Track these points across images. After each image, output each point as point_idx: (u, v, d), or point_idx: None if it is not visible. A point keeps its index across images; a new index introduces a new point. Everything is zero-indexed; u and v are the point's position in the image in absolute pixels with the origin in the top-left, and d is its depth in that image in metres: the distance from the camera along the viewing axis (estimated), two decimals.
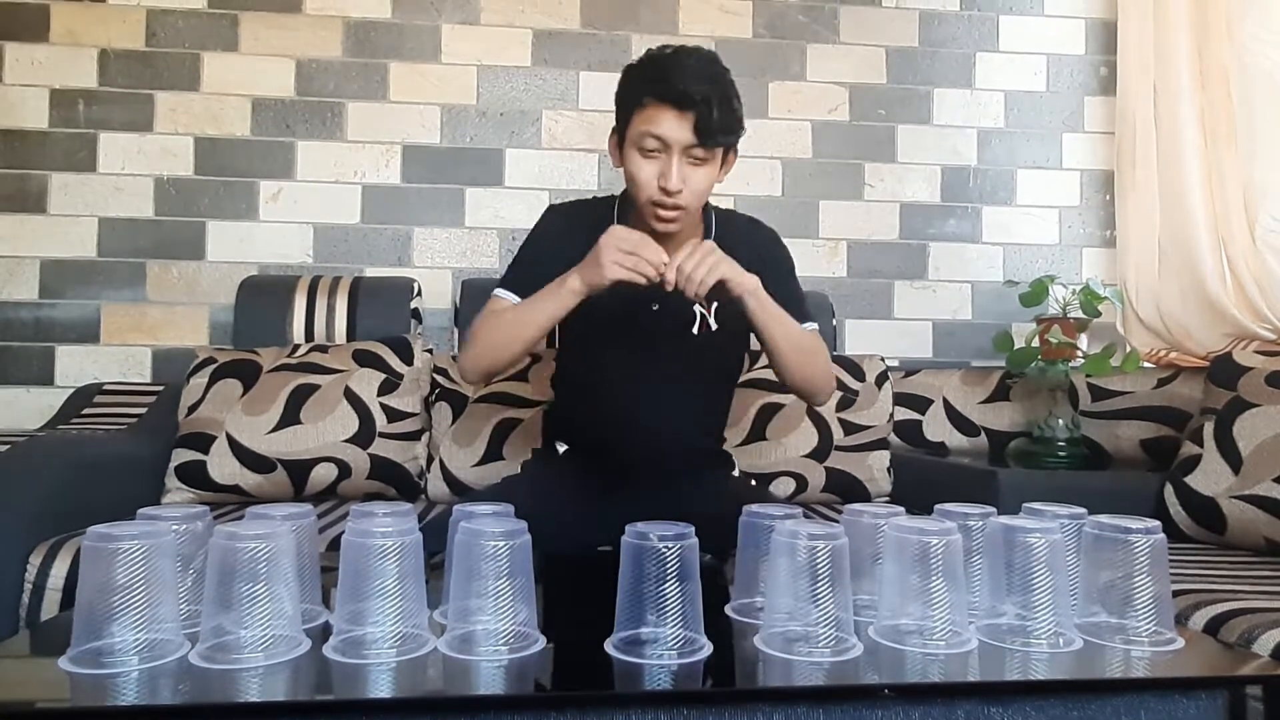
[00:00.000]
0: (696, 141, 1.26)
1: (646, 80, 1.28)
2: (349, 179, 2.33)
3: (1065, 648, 0.84)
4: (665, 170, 1.28)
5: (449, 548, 0.90)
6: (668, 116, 1.25)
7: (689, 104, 1.24)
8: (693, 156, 1.28)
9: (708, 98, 1.24)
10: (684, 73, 1.25)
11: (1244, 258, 2.00)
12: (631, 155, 1.31)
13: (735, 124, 1.30)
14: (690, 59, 1.28)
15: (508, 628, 0.80)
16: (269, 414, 1.82)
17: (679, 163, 1.28)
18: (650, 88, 1.27)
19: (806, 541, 0.81)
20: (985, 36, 2.53)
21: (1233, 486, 1.60)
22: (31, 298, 2.23)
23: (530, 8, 2.38)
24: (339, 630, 0.81)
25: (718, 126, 1.26)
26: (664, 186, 1.29)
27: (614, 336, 1.43)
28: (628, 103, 1.31)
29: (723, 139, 1.29)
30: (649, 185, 1.30)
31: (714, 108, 1.24)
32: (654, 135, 1.27)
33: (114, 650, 0.75)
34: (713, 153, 1.30)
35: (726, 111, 1.27)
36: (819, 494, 1.97)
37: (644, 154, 1.29)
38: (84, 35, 2.25)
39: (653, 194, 1.30)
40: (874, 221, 2.49)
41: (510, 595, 0.80)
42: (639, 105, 1.28)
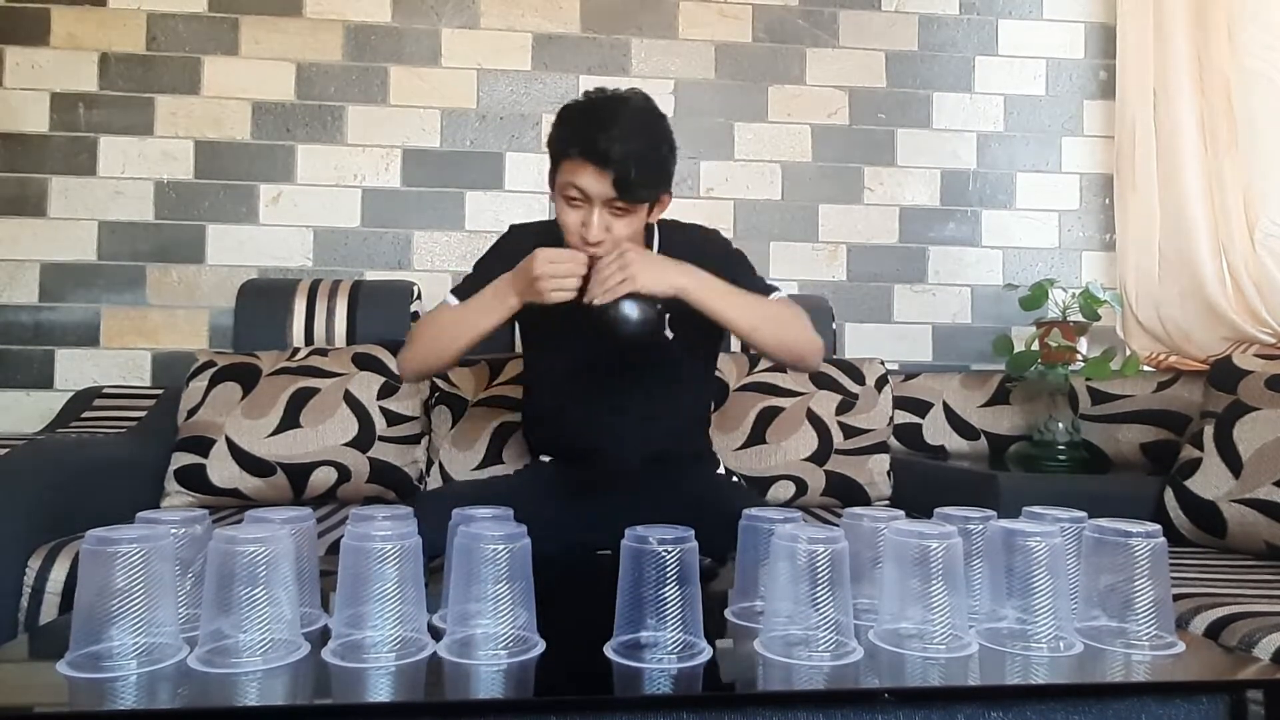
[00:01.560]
0: (616, 196, 1.28)
1: (573, 134, 1.30)
2: (349, 182, 2.33)
3: (1066, 652, 0.84)
4: (587, 220, 1.31)
5: (448, 551, 0.90)
6: (588, 172, 1.27)
7: (608, 163, 1.25)
8: (614, 208, 1.31)
9: (626, 158, 1.25)
10: (608, 130, 1.26)
11: (1244, 262, 2.00)
12: (558, 200, 1.35)
13: (657, 179, 1.33)
14: (619, 114, 1.29)
15: (507, 631, 0.80)
16: (269, 417, 1.82)
17: (600, 214, 1.30)
18: (574, 142, 1.29)
19: (806, 545, 0.81)
20: (984, 40, 2.54)
21: (1233, 490, 1.60)
22: (31, 301, 2.23)
23: (530, 11, 2.39)
24: (338, 634, 0.80)
25: (637, 183, 1.28)
26: (584, 237, 1.31)
27: (567, 358, 1.47)
28: (555, 151, 1.34)
29: (643, 194, 1.31)
30: (572, 233, 1.33)
31: (633, 167, 1.26)
32: (575, 186, 1.29)
33: (113, 654, 0.75)
34: (634, 205, 1.31)
35: (647, 169, 1.29)
36: (819, 498, 1.97)
37: (568, 201, 1.32)
38: (84, 39, 2.25)
39: (576, 241, 1.33)
40: (873, 225, 2.49)
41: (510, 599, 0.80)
42: (565, 156, 1.30)
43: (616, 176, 1.26)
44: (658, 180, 1.34)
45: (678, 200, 2.39)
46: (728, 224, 2.43)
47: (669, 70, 2.42)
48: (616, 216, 1.32)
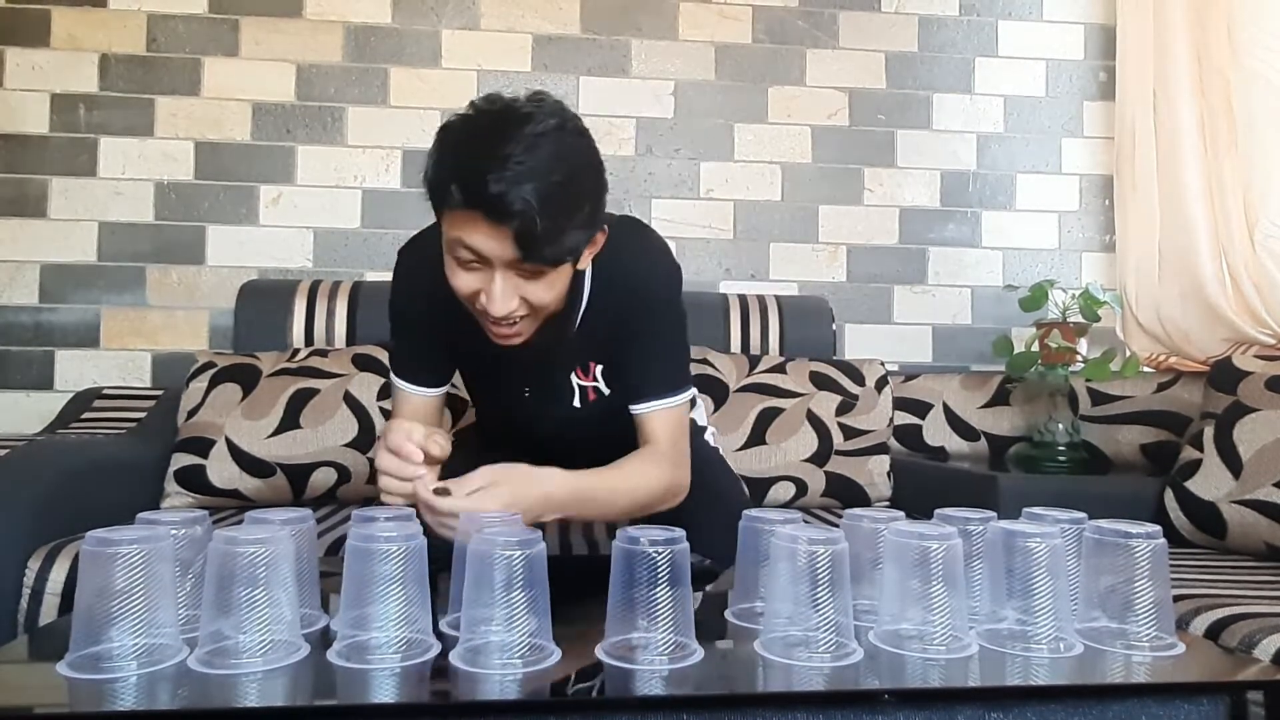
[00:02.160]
0: (524, 259, 0.95)
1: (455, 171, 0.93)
2: (349, 183, 2.33)
3: (1066, 653, 0.84)
4: (488, 289, 0.98)
5: (458, 556, 0.89)
6: (480, 228, 0.93)
7: (507, 216, 0.91)
8: (522, 271, 0.97)
9: (529, 207, 0.90)
10: (503, 167, 0.90)
11: (1244, 263, 2.00)
12: (447, 259, 1.00)
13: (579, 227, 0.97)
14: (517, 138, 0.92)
15: (520, 640, 0.79)
16: (269, 418, 1.82)
17: (504, 280, 0.97)
18: (457, 186, 0.92)
19: (806, 546, 0.81)
20: (984, 42, 2.54)
21: (1233, 491, 1.60)
22: (31, 302, 2.23)
23: (530, 13, 2.39)
24: (343, 635, 0.80)
25: (547, 238, 0.93)
26: (486, 310, 1.00)
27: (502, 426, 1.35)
28: (432, 190, 0.97)
29: (557, 254, 0.96)
30: (470, 301, 1.02)
31: (539, 216, 0.90)
32: (465, 246, 0.95)
33: (112, 655, 0.75)
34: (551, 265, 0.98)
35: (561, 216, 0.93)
36: (819, 499, 1.97)
37: (460, 263, 0.98)
38: (85, 40, 2.25)
39: (477, 309, 1.03)
40: (873, 226, 2.49)
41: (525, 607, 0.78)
42: (445, 204, 0.96)
43: (519, 233, 0.92)
44: (579, 227, 0.97)
45: (678, 202, 2.42)
46: (728, 225, 2.43)
47: (669, 71, 2.42)
48: (528, 279, 0.99)
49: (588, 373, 1.22)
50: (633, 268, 1.16)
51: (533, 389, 1.24)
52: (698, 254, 2.42)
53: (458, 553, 0.89)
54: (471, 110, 0.98)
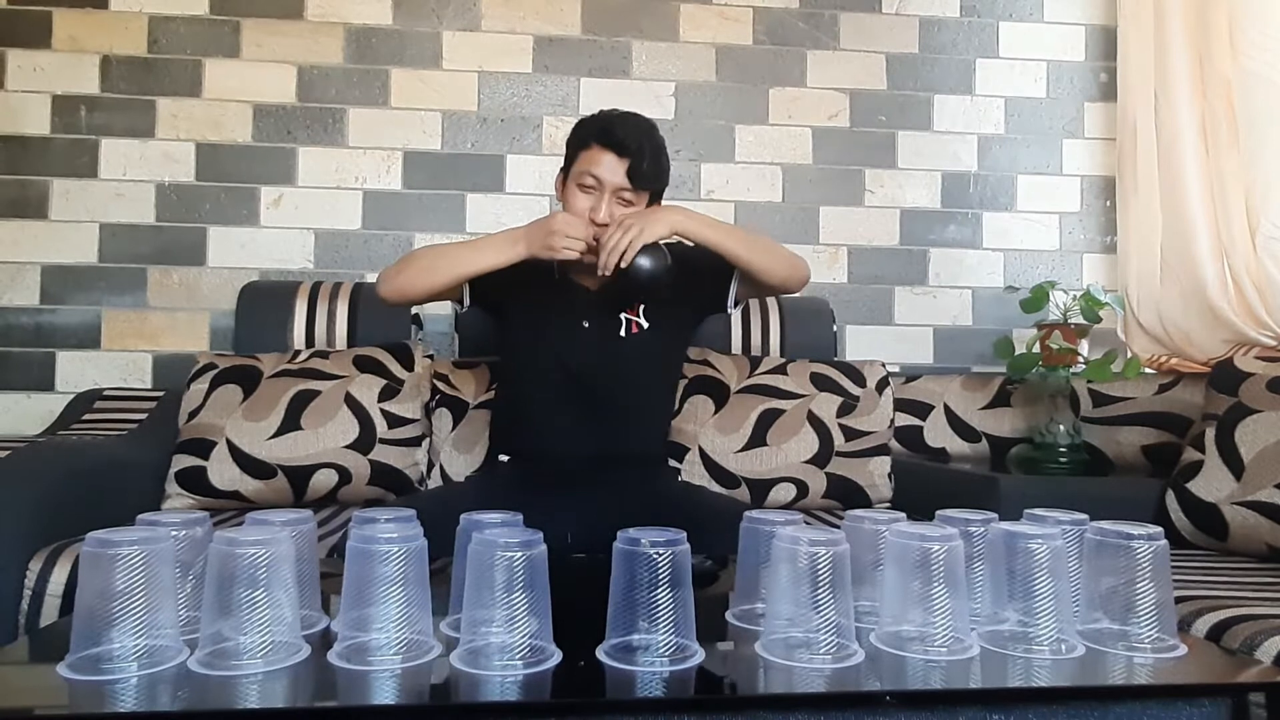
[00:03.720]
0: (628, 185, 1.49)
1: (595, 128, 1.51)
2: (350, 185, 2.33)
3: (1067, 654, 0.84)
4: (597, 204, 1.50)
5: (458, 558, 0.89)
6: (607, 159, 1.48)
7: (626, 151, 1.48)
8: (622, 198, 1.51)
9: (641, 148, 1.48)
10: (625, 125, 1.49)
11: (1245, 264, 1.99)
12: (571, 189, 1.53)
13: (662, 174, 1.54)
14: (633, 119, 1.52)
15: (521, 641, 0.79)
16: (269, 420, 1.82)
17: (609, 200, 1.50)
18: (596, 134, 1.50)
19: (808, 548, 0.81)
20: (985, 43, 2.54)
21: (1234, 492, 1.59)
22: (32, 303, 2.23)
23: (531, 14, 2.39)
24: (343, 636, 0.80)
25: (647, 173, 1.50)
26: (593, 219, 1.49)
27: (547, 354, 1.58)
28: (575, 145, 1.54)
29: (649, 184, 1.52)
30: (582, 216, 1.50)
31: (645, 158, 1.48)
32: (592, 174, 1.49)
33: (113, 656, 0.75)
34: (640, 196, 1.52)
35: (655, 163, 1.51)
36: (820, 500, 1.97)
37: (582, 189, 1.51)
38: (86, 41, 2.26)
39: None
40: (874, 227, 2.49)
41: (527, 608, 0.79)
42: (584, 146, 1.51)
43: (631, 164, 1.47)
44: (661, 175, 1.55)
45: (680, 202, 2.40)
46: None
47: (670, 72, 2.43)
48: (622, 205, 1.51)
49: (638, 311, 1.60)
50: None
51: (591, 321, 1.59)
52: None
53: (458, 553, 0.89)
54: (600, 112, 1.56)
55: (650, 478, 1.64)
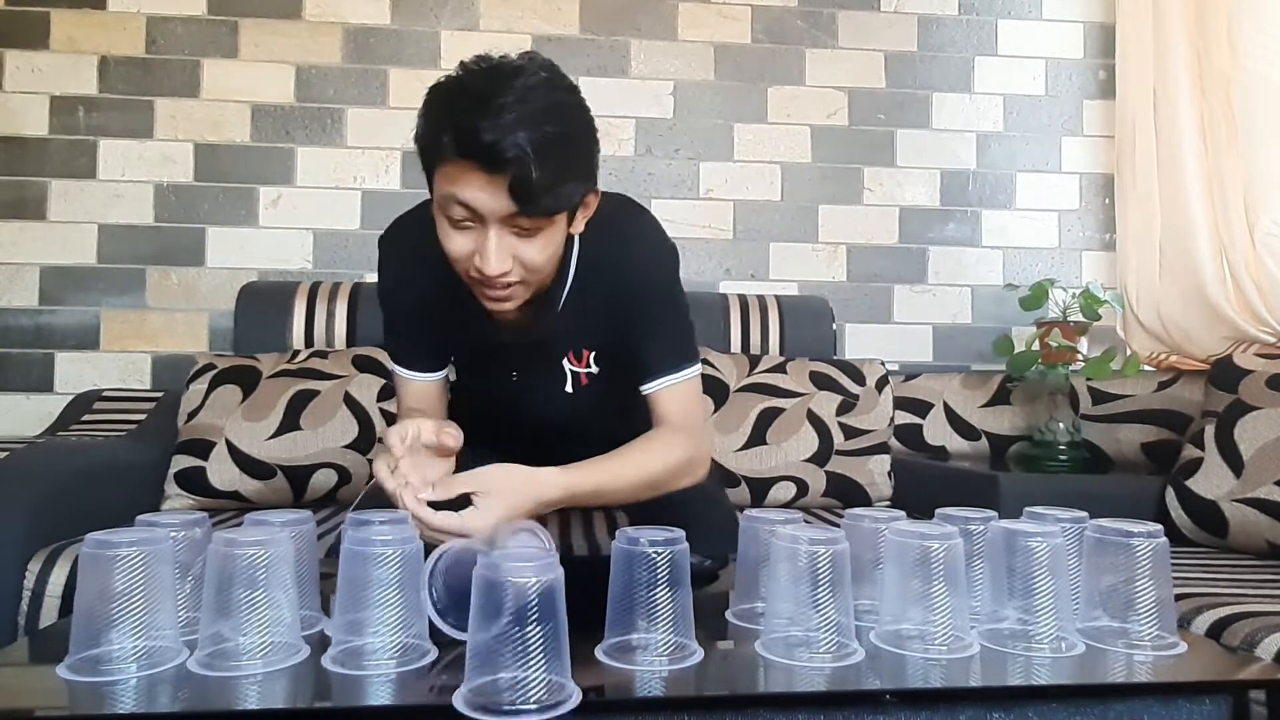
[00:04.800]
0: (515, 210, 0.92)
1: (446, 122, 0.92)
2: (349, 185, 2.33)
3: (1067, 652, 0.84)
4: (481, 248, 0.95)
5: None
6: (474, 180, 0.91)
7: (501, 164, 0.89)
8: (518, 226, 0.95)
9: (524, 154, 0.88)
10: (497, 115, 0.88)
11: (1244, 262, 2.00)
12: (439, 221, 0.97)
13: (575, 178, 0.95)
14: (507, 90, 0.89)
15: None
16: (269, 420, 1.82)
17: (498, 237, 0.95)
18: (450, 136, 0.91)
19: (807, 546, 0.81)
20: (984, 41, 2.54)
21: (1234, 490, 1.59)
22: (31, 304, 2.23)
23: (529, 13, 2.39)
24: (338, 640, 0.80)
25: (544, 188, 0.90)
26: (480, 270, 0.97)
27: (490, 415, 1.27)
28: (425, 149, 0.96)
29: (555, 204, 0.94)
30: (463, 263, 0.99)
31: (534, 163, 0.88)
32: (459, 202, 0.93)
33: (112, 657, 0.75)
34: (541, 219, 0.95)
35: (557, 166, 0.91)
36: (819, 499, 1.97)
37: (453, 223, 0.96)
38: (84, 42, 2.25)
39: (470, 273, 1.00)
40: (873, 226, 2.49)
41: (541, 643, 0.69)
42: (438, 157, 0.94)
43: (513, 181, 0.90)
44: (575, 179, 0.95)
45: (678, 202, 2.41)
46: (727, 225, 2.43)
47: (668, 71, 2.42)
48: (522, 237, 0.96)
49: (580, 358, 1.20)
50: (628, 246, 1.15)
51: (520, 372, 1.22)
52: (698, 254, 2.42)
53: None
54: (460, 70, 0.95)
55: None
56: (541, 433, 1.21)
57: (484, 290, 1.02)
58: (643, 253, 1.16)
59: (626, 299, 1.14)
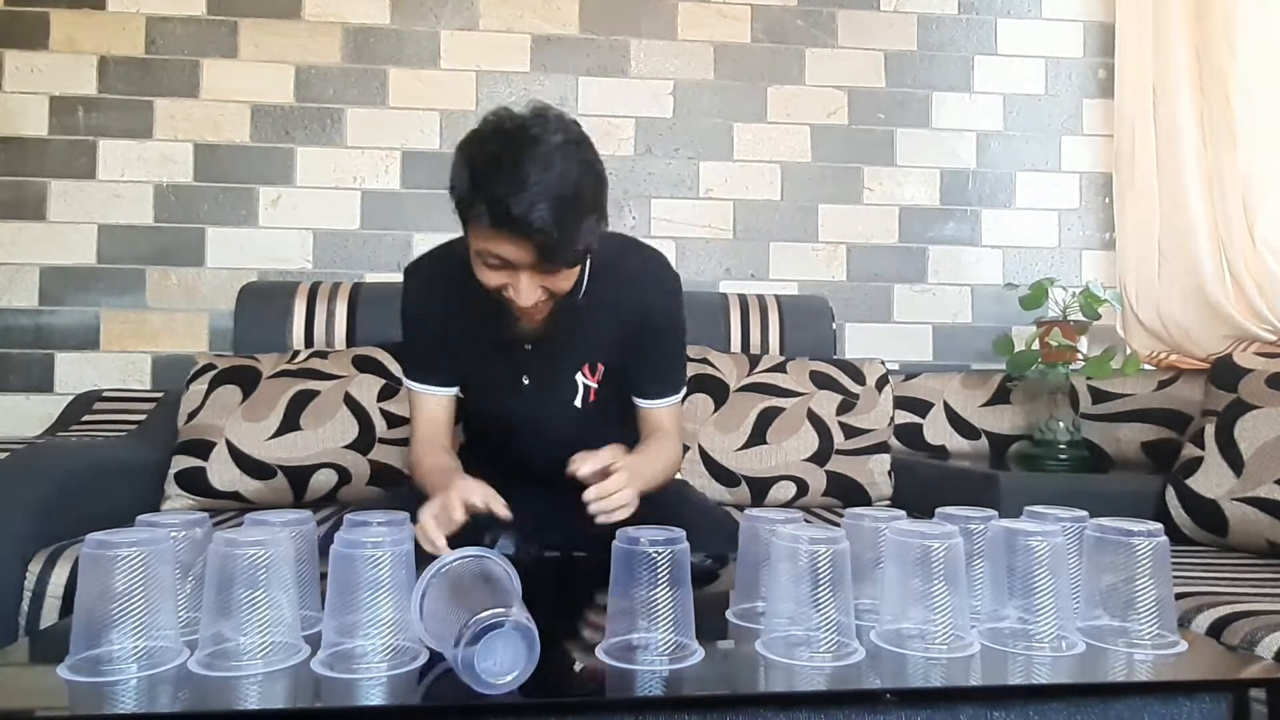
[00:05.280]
0: (542, 265, 1.11)
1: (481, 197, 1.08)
2: (348, 185, 2.33)
3: (1068, 651, 0.84)
4: (514, 285, 1.13)
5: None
6: (505, 241, 1.08)
7: (527, 232, 1.06)
8: (541, 270, 1.12)
9: (546, 226, 1.05)
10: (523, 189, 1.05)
11: (1244, 260, 2.00)
12: (474, 259, 1.15)
13: (588, 233, 1.12)
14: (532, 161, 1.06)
15: None
16: (269, 420, 1.82)
17: (528, 278, 1.13)
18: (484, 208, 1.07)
19: (808, 546, 0.81)
20: (983, 40, 2.54)
21: (1234, 489, 1.59)
22: (31, 304, 2.23)
23: (529, 13, 2.39)
24: (328, 643, 0.80)
25: (561, 248, 1.09)
26: (515, 301, 1.15)
27: (497, 417, 1.38)
28: (460, 207, 1.13)
29: (574, 256, 1.13)
30: (498, 292, 1.16)
31: (555, 229, 1.06)
32: (495, 255, 1.11)
33: (113, 658, 0.75)
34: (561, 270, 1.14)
35: (575, 225, 1.09)
36: (820, 498, 1.97)
37: (487, 265, 1.14)
38: (83, 43, 2.25)
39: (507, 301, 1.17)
40: (873, 225, 2.49)
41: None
42: (473, 219, 1.10)
43: (539, 246, 1.07)
44: (589, 227, 1.12)
45: (678, 201, 2.42)
46: (727, 225, 2.43)
47: (668, 71, 2.42)
48: (548, 275, 1.14)
49: (594, 371, 1.33)
50: (634, 260, 1.33)
51: (532, 380, 1.32)
52: (697, 254, 2.42)
53: None
54: (486, 128, 1.15)
55: None
56: (546, 446, 1.26)
57: (515, 310, 1.18)
58: (655, 277, 1.34)
59: (639, 320, 1.31)
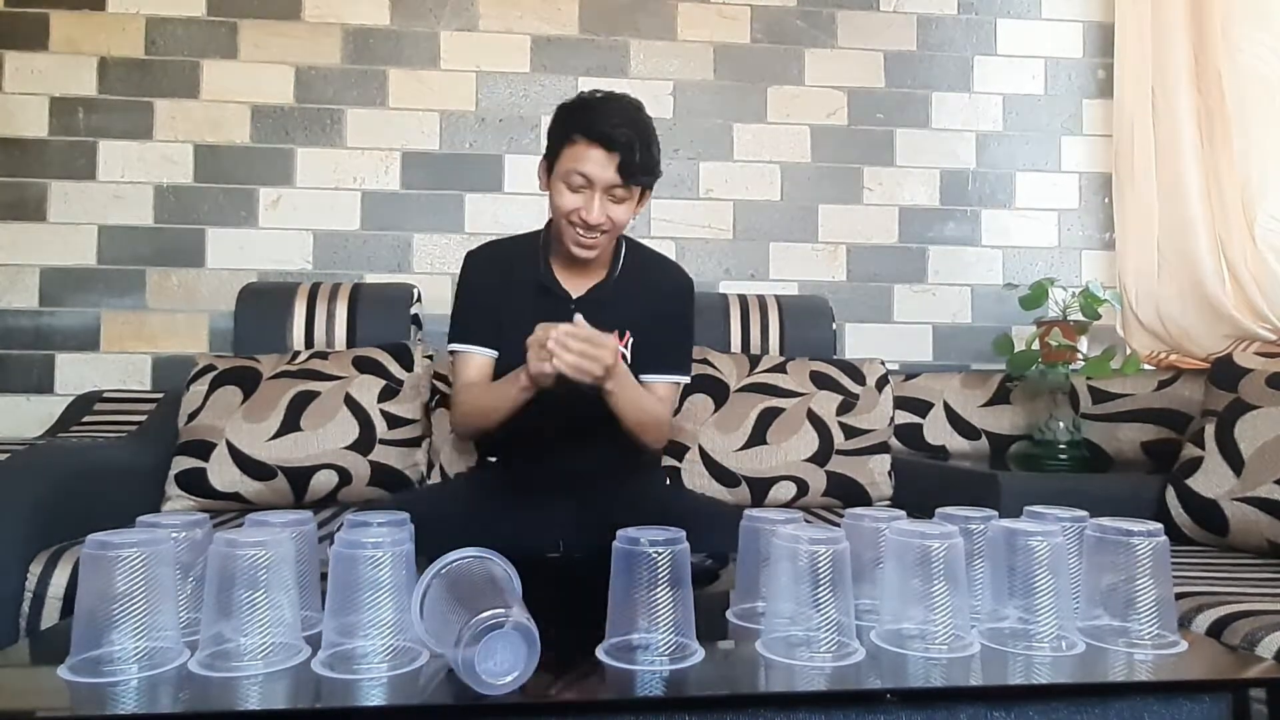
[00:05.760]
0: (619, 181, 1.38)
1: (577, 120, 1.39)
2: (348, 185, 2.33)
3: (1068, 651, 0.84)
4: (588, 204, 1.39)
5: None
6: (595, 155, 1.36)
7: (614, 145, 1.36)
8: (613, 194, 1.40)
9: (631, 141, 1.36)
10: (611, 116, 1.37)
11: (1243, 258, 2.00)
12: (558, 187, 1.42)
13: (654, 166, 1.42)
14: (617, 105, 1.41)
15: None
16: (269, 421, 1.82)
17: (601, 199, 1.39)
18: (580, 127, 1.38)
19: (808, 546, 0.81)
20: (983, 40, 2.54)
21: (1234, 489, 1.59)
22: (32, 305, 2.23)
23: (529, 14, 2.39)
24: (328, 643, 0.80)
25: (639, 167, 1.38)
26: (585, 219, 1.40)
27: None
28: (558, 138, 1.42)
29: (642, 179, 1.41)
30: (569, 214, 1.41)
31: (636, 151, 1.36)
32: (580, 173, 1.38)
33: (114, 658, 0.75)
34: (631, 190, 1.42)
35: (647, 154, 1.39)
36: (820, 498, 1.97)
37: (570, 188, 1.40)
38: (83, 44, 2.25)
39: (574, 222, 1.42)
40: (873, 225, 2.49)
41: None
42: (568, 141, 1.39)
43: (622, 159, 1.36)
44: (654, 167, 1.42)
45: (677, 201, 2.42)
46: (727, 225, 2.43)
47: (667, 71, 2.42)
48: (614, 202, 1.41)
49: (623, 339, 1.50)
50: (658, 259, 1.64)
51: None
52: (698, 254, 2.42)
53: None
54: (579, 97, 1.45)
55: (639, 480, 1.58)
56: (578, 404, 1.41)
57: (578, 234, 1.43)
58: (678, 275, 1.63)
59: (661, 304, 1.55)
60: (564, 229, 1.44)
